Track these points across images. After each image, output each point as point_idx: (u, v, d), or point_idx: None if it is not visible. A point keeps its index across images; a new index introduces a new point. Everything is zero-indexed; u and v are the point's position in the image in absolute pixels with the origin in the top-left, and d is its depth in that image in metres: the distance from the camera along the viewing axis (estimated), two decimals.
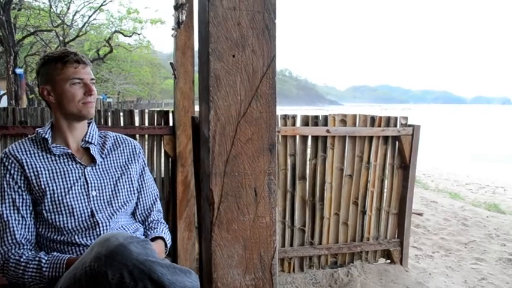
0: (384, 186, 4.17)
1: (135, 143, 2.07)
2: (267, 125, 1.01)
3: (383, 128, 3.98)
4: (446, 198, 7.52)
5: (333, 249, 4.00)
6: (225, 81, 0.97)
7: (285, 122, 3.67)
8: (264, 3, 1.00)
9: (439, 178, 12.27)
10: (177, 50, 3.16)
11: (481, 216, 6.28)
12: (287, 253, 3.82)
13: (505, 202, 9.17)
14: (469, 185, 11.59)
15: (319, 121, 3.80)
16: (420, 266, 4.48)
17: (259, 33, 1.00)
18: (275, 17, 1.01)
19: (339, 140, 3.88)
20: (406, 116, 4.17)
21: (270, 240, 1.04)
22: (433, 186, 9.43)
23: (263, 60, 1.00)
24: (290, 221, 3.83)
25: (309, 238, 3.94)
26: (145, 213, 2.04)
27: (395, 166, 4.17)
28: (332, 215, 3.97)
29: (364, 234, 4.13)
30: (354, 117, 3.93)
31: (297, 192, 3.80)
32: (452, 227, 5.77)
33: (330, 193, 3.92)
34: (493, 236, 5.54)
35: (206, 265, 1.06)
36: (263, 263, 1.04)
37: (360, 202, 4.05)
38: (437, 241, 5.29)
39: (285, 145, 3.70)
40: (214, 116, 0.96)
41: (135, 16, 22.28)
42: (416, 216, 5.91)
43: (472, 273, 4.45)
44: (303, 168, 3.82)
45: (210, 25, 0.95)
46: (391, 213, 4.23)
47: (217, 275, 1.01)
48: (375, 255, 4.25)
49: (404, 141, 4.06)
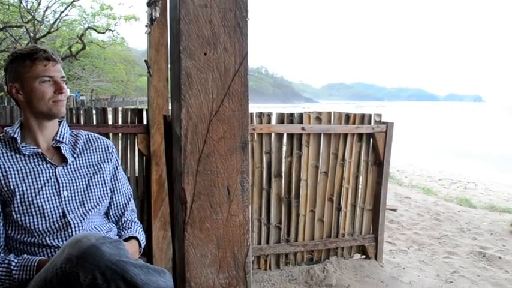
0: (358, 182, 4.22)
1: (108, 142, 2.04)
2: (240, 123, 1.01)
3: (357, 125, 4.02)
4: (420, 194, 7.65)
5: (309, 246, 4.02)
6: (197, 79, 0.97)
7: (260, 119, 3.67)
8: (236, 1, 1.00)
9: (413, 174, 12.48)
10: (150, 47, 3.12)
11: (453, 211, 6.41)
12: (263, 250, 3.83)
13: (476, 197, 9.38)
14: (442, 180, 11.83)
15: (295, 119, 3.81)
16: (394, 261, 4.55)
17: (231, 31, 1.00)
18: (247, 15, 1.01)
19: (314, 137, 3.90)
20: (380, 114, 4.22)
21: (244, 239, 1.04)
22: (407, 182, 9.58)
23: (235, 58, 1.00)
24: (266, 218, 3.84)
25: (285, 235, 3.95)
26: (119, 213, 2.02)
27: (370, 163, 4.21)
28: (308, 212, 4.00)
29: (340, 231, 4.17)
30: (329, 115, 3.95)
31: (273, 189, 3.81)
32: (425, 222, 5.88)
33: (306, 190, 3.95)
34: (465, 230, 5.66)
35: (179, 264, 1.05)
36: (237, 261, 1.04)
37: (335, 199, 4.09)
38: (410, 236, 5.38)
39: (261, 143, 3.70)
40: (186, 114, 0.96)
41: (108, 12, 21.97)
42: (390, 211, 6.00)
43: (445, 267, 4.54)
44: (279, 166, 3.83)
45: (181, 23, 0.95)
46: (365, 209, 4.28)
47: (190, 275, 1.01)
48: (350, 251, 4.30)
49: (378, 138, 4.11)
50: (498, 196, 10.09)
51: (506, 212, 6.73)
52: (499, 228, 5.66)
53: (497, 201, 8.97)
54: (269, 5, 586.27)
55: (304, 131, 3.80)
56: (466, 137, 33.54)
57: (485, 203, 8.08)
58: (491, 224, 5.85)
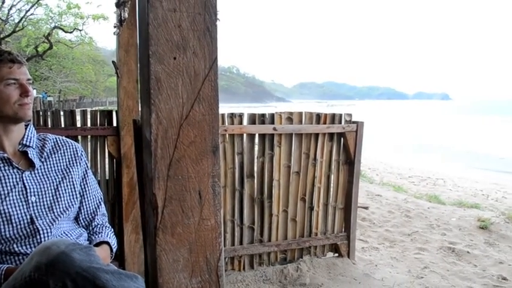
0: (330, 182, 4.26)
1: (77, 145, 2.00)
2: (210, 128, 1.01)
3: (328, 125, 4.06)
4: (390, 191, 7.78)
5: (282, 246, 4.05)
6: (167, 83, 0.96)
7: (232, 120, 3.67)
8: (205, 5, 0.99)
9: (384, 172, 12.68)
10: (119, 48, 3.08)
11: (422, 207, 6.55)
12: (237, 251, 3.83)
13: (444, 193, 9.61)
14: (412, 177, 12.06)
15: (266, 119, 3.82)
16: (367, 258, 4.62)
17: (201, 35, 0.99)
18: (216, 19, 1.01)
19: (285, 137, 3.93)
20: (350, 113, 4.28)
21: (216, 243, 1.04)
22: (378, 180, 9.74)
23: (205, 62, 1.00)
24: (239, 219, 3.84)
25: (259, 236, 3.96)
26: (89, 217, 1.98)
27: (341, 162, 4.27)
28: (280, 212, 4.02)
29: (312, 230, 4.20)
30: (300, 115, 3.98)
31: (246, 190, 3.81)
32: (396, 219, 5.98)
33: (278, 190, 3.97)
34: (434, 226, 5.79)
35: (151, 270, 1.05)
36: (209, 265, 1.04)
37: (308, 198, 4.13)
38: (382, 233, 5.47)
39: (233, 144, 3.70)
40: (156, 119, 0.95)
41: (76, 11, 21.53)
42: (362, 209, 6.08)
43: (415, 263, 4.64)
44: (251, 166, 3.83)
45: (150, 27, 0.94)
46: (337, 208, 4.33)
47: (163, 280, 1.00)
48: (323, 250, 4.34)
49: (349, 138, 4.17)
50: (466, 192, 10.36)
51: (473, 208, 6.91)
52: (467, 224, 5.81)
53: (465, 197, 9.20)
54: (239, 4, 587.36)
55: (276, 131, 3.82)
56: (434, 134, 34.35)
57: (453, 199, 8.28)
58: (459, 220, 5.99)
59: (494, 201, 9.44)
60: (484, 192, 10.62)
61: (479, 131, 37.43)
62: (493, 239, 5.38)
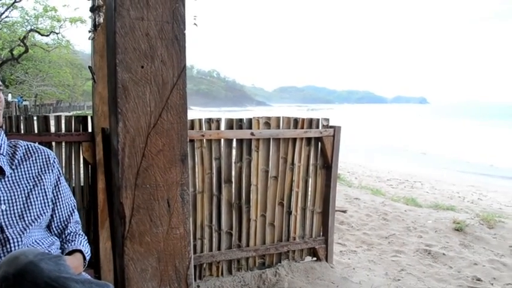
0: (308, 186, 4.28)
1: (49, 152, 1.97)
2: (179, 136, 1.01)
3: (306, 129, 4.08)
4: (368, 195, 7.86)
5: (261, 251, 4.04)
6: (134, 92, 0.96)
7: (210, 125, 3.66)
8: (173, 14, 1.00)
9: (363, 175, 12.80)
10: (95, 53, 3.04)
11: (399, 210, 6.62)
12: (215, 257, 3.81)
13: (422, 196, 9.75)
14: (390, 180, 12.21)
15: (244, 124, 3.82)
16: (345, 262, 4.65)
17: (169, 43, 0.99)
18: (185, 28, 1.01)
19: (263, 142, 3.93)
20: (328, 118, 4.30)
21: (185, 251, 1.04)
22: (357, 184, 9.82)
23: (173, 71, 1.00)
24: (217, 224, 3.83)
25: (237, 241, 3.96)
26: (62, 225, 1.95)
27: (319, 166, 4.29)
28: (258, 217, 4.02)
29: (291, 234, 4.21)
30: (278, 120, 3.99)
31: (223, 195, 3.80)
32: (374, 222, 6.04)
33: (256, 195, 3.97)
34: (411, 229, 5.86)
35: (120, 280, 1.04)
36: (178, 274, 1.04)
37: (286, 203, 4.14)
38: (360, 236, 5.52)
39: (210, 149, 3.69)
40: (123, 128, 0.95)
41: (52, 14, 21.21)
42: (340, 213, 6.13)
43: (393, 265, 4.69)
44: (229, 172, 3.83)
45: (117, 35, 0.93)
46: (315, 212, 4.35)
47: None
48: (302, 254, 4.35)
49: (326, 142, 4.19)
50: (442, 194, 10.53)
51: (449, 210, 7.03)
52: (443, 226, 5.90)
53: (442, 200, 9.36)
54: (220, 8, 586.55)
55: (253, 136, 3.82)
56: (413, 137, 34.86)
57: (430, 201, 8.41)
58: (435, 222, 6.08)
59: (470, 203, 9.63)
60: (460, 195, 10.81)
61: (453, 134, 38.12)
62: (468, 241, 5.48)
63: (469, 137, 34.51)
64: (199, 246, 3.77)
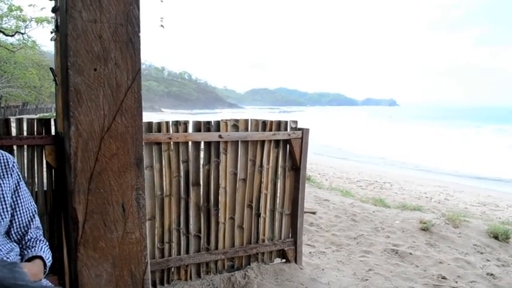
0: (276, 188, 4.29)
1: (8, 156, 1.92)
2: (133, 140, 1.00)
3: (274, 132, 4.10)
4: (338, 196, 7.94)
5: (230, 253, 4.04)
6: (87, 95, 0.94)
7: (177, 128, 3.62)
8: (127, 16, 0.98)
9: (333, 176, 12.93)
10: (57, 54, 2.99)
11: (368, 211, 6.71)
12: (183, 261, 3.78)
13: (390, 196, 9.91)
14: (360, 182, 12.37)
15: (212, 127, 3.81)
16: (314, 263, 4.68)
17: (123, 46, 0.98)
18: (139, 30, 1.00)
19: (231, 144, 3.93)
20: (296, 120, 4.33)
21: (141, 256, 1.03)
22: (327, 185, 9.91)
23: (127, 73, 0.99)
24: (185, 228, 3.80)
25: (205, 244, 3.93)
26: (22, 231, 1.90)
27: (287, 168, 4.31)
28: (227, 220, 4.01)
29: (260, 236, 4.22)
30: (246, 122, 3.99)
31: (191, 198, 3.78)
32: (343, 223, 6.11)
33: (225, 198, 3.96)
34: (379, 229, 5.95)
35: (74, 286, 1.02)
36: (134, 279, 1.02)
37: (254, 205, 4.14)
38: (329, 237, 5.57)
39: (178, 152, 3.66)
40: (76, 131, 0.93)
41: (18, 14, 20.66)
42: (309, 215, 6.17)
43: (361, 266, 4.75)
44: (197, 174, 3.81)
45: (69, 38, 0.92)
46: (284, 214, 4.37)
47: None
48: (271, 256, 4.36)
49: (295, 145, 4.22)
50: (411, 195, 10.74)
51: (416, 210, 7.16)
52: (410, 226, 6.01)
53: (410, 200, 9.54)
54: (192, 10, 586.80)
55: (221, 139, 3.81)
56: (384, 138, 35.46)
57: (398, 202, 8.56)
58: (403, 222, 6.19)
59: (437, 203, 9.85)
60: (428, 195, 11.04)
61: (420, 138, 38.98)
62: (433, 240, 5.60)
63: (436, 141, 35.35)
64: (167, 250, 3.73)
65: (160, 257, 3.71)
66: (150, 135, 3.46)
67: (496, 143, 30.63)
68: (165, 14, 9.34)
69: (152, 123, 3.54)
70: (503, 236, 5.74)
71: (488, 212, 9.47)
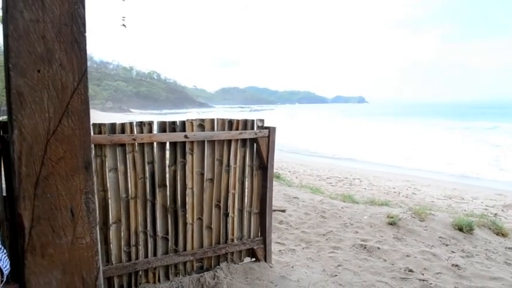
0: (244, 187, 4.28)
1: None
2: (81, 142, 0.97)
3: (241, 131, 4.08)
4: (308, 193, 7.99)
5: (198, 254, 4.01)
6: (30, 98, 0.91)
7: (141, 129, 3.57)
8: (72, 16, 0.96)
9: (304, 174, 13.01)
10: None
11: (337, 207, 6.78)
12: (151, 263, 3.73)
13: (359, 192, 10.04)
14: (330, 178, 12.48)
15: (177, 127, 3.76)
16: (283, 261, 4.70)
17: (68, 46, 0.96)
18: (85, 30, 0.97)
19: (197, 144, 3.89)
20: (263, 119, 4.33)
21: (93, 261, 1.01)
22: (297, 183, 9.96)
23: (73, 75, 0.96)
24: (152, 230, 3.75)
25: (173, 245, 3.89)
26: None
27: (255, 167, 4.31)
28: (195, 220, 3.98)
29: (228, 236, 4.20)
30: (212, 122, 3.97)
31: (158, 200, 3.73)
32: (312, 220, 6.15)
33: (192, 198, 3.92)
34: (348, 225, 6.02)
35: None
36: (86, 285, 1.00)
37: (223, 205, 4.12)
38: (299, 235, 5.60)
39: (142, 153, 3.60)
40: (19, 135, 0.90)
41: None
42: (279, 212, 6.19)
43: (330, 262, 4.79)
44: (163, 176, 3.76)
45: (10, 39, 0.89)
46: (253, 213, 4.36)
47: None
48: (240, 255, 4.35)
49: (262, 143, 4.22)
50: (379, 190, 10.91)
51: (384, 205, 7.28)
52: (378, 221, 6.10)
53: (378, 195, 9.68)
54: (157, 9, 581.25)
55: (187, 139, 3.78)
56: (355, 135, 35.96)
57: (367, 197, 8.68)
58: (371, 217, 6.28)
59: (405, 198, 10.04)
60: (396, 190, 11.23)
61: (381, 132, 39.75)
62: (401, 234, 5.70)
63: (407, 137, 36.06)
64: (134, 253, 3.68)
65: (127, 261, 3.65)
66: (113, 137, 3.40)
67: (461, 139, 31.38)
68: (132, 13, 9.19)
69: (116, 124, 3.48)
70: (467, 228, 5.90)
71: (454, 204, 9.72)
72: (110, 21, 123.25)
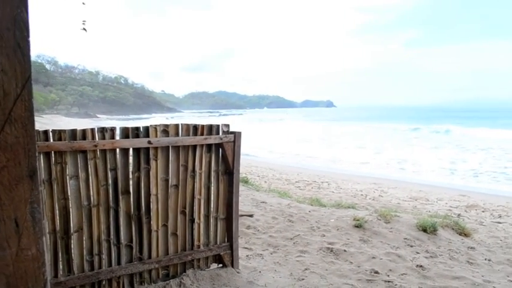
0: (210, 193, 4.26)
1: None
2: (25, 151, 0.94)
3: (206, 136, 4.06)
4: (275, 198, 8.01)
5: (164, 262, 3.96)
6: None
7: (103, 135, 3.51)
8: (15, 20, 0.93)
9: (273, 178, 13.04)
10: None
11: (304, 211, 6.82)
12: (114, 272, 3.66)
13: (327, 196, 10.13)
14: (299, 182, 12.55)
15: (140, 133, 3.72)
16: (251, 266, 4.69)
17: (10, 52, 0.92)
18: (28, 35, 0.94)
19: (162, 150, 3.85)
20: (228, 124, 4.32)
21: (39, 273, 0.97)
22: (266, 187, 9.98)
23: (16, 81, 0.93)
24: (115, 238, 3.68)
25: (138, 253, 3.83)
26: None
27: (220, 172, 4.29)
28: (160, 227, 3.93)
29: (195, 242, 4.17)
30: (177, 127, 3.93)
31: (121, 207, 3.67)
32: (280, 225, 6.17)
33: (157, 205, 3.87)
34: (315, 229, 6.06)
35: None
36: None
37: (188, 211, 4.08)
38: (266, 239, 5.60)
39: (105, 159, 3.54)
40: None
41: None
42: (247, 217, 6.18)
43: (297, 266, 4.81)
44: (126, 182, 3.70)
45: None
46: (219, 219, 4.34)
47: None
48: (207, 262, 4.32)
49: (227, 148, 4.20)
50: (347, 193, 11.03)
51: (350, 208, 7.37)
52: (344, 224, 6.17)
53: (346, 198, 9.80)
54: (123, 13, 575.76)
55: (151, 145, 3.73)
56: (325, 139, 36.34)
57: (334, 200, 8.76)
58: (337, 220, 6.34)
59: (372, 200, 10.19)
60: (363, 193, 11.38)
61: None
62: (367, 236, 5.78)
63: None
64: (97, 262, 3.60)
65: (90, 270, 3.57)
66: (74, 143, 3.33)
67: (425, 144, 32.01)
68: (97, 17, 9.03)
69: (76, 130, 3.42)
70: (431, 229, 6.03)
71: (419, 206, 9.93)
72: (74, 26, 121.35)
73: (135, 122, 63.03)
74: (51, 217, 3.32)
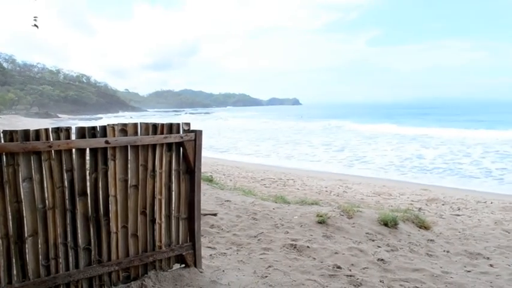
0: (171, 192, 4.19)
1: None
2: None
3: (166, 135, 3.99)
4: (240, 196, 7.99)
5: (124, 264, 3.87)
6: None
7: (58, 135, 3.39)
8: None
9: (238, 176, 13.03)
10: None
11: (268, 209, 6.84)
12: (72, 276, 3.55)
13: (292, 193, 10.19)
14: (264, 180, 12.59)
15: (97, 132, 3.61)
16: (214, 265, 4.66)
17: None
18: None
19: (120, 150, 3.76)
20: (189, 122, 4.26)
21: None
22: (231, 186, 9.95)
23: None
24: (73, 241, 3.57)
25: (97, 256, 3.73)
26: None
27: (182, 172, 4.23)
28: (120, 229, 3.84)
29: (156, 243, 4.10)
30: (135, 126, 3.85)
31: (78, 209, 3.56)
32: (244, 223, 6.15)
33: (115, 206, 3.78)
34: (278, 226, 6.08)
35: None
36: None
37: (149, 211, 4.01)
38: (230, 238, 5.58)
39: (60, 160, 3.43)
40: None
41: None
42: (210, 217, 6.14)
43: (261, 263, 4.81)
44: (83, 184, 3.59)
45: None
46: (181, 219, 4.28)
47: None
48: (169, 262, 4.26)
49: (188, 147, 4.15)
50: (312, 190, 11.14)
51: (314, 204, 7.44)
52: (308, 220, 6.21)
53: (311, 195, 9.88)
54: (83, 8, 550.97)
55: (109, 145, 3.64)
56: (294, 136, 36.59)
57: (299, 197, 8.82)
58: (301, 217, 6.39)
59: (336, 196, 10.31)
60: (328, 189, 11.51)
61: None
62: (330, 232, 5.84)
63: None
64: (54, 267, 3.49)
65: (47, 275, 3.45)
66: (27, 144, 3.21)
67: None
68: (56, 14, 8.75)
69: (29, 130, 3.29)
70: (392, 223, 6.15)
71: (382, 201, 10.12)
72: (30, 22, 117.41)
73: (97, 122, 61.75)
74: (3, 221, 3.20)
